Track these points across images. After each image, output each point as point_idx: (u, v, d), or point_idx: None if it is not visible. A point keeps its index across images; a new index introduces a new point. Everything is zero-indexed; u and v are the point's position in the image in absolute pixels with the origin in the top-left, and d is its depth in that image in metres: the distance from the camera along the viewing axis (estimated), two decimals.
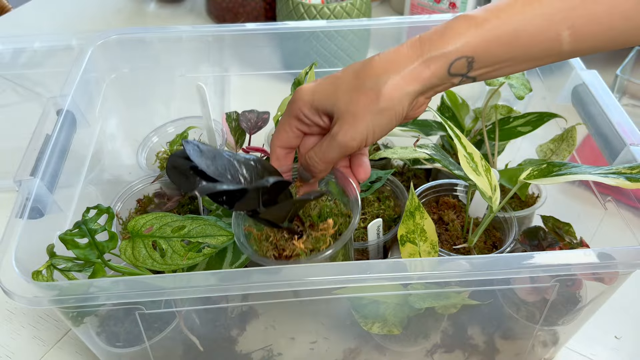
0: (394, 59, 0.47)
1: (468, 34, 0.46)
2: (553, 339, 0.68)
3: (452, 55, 0.46)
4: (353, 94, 0.48)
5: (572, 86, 0.73)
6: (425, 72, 0.47)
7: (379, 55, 0.49)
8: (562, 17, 0.45)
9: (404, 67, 0.47)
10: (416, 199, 0.60)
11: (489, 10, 0.47)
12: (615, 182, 0.52)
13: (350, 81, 0.48)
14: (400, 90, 0.47)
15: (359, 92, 0.47)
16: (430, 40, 0.47)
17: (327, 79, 0.51)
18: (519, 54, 0.47)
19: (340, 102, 0.48)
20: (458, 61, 0.47)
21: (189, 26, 0.85)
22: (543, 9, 0.45)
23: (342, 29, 0.99)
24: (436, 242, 0.59)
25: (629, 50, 1.03)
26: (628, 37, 0.46)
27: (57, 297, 0.50)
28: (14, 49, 0.89)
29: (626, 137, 0.63)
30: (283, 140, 0.53)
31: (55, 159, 0.63)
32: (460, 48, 0.46)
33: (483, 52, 0.47)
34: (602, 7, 0.45)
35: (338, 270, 0.52)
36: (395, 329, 0.61)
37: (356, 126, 0.48)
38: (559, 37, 0.46)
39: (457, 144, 0.57)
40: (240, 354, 0.66)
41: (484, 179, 0.58)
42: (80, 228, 0.55)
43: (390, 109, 0.47)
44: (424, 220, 0.59)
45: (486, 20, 0.46)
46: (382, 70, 0.47)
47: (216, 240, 0.55)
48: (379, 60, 0.48)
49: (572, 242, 0.65)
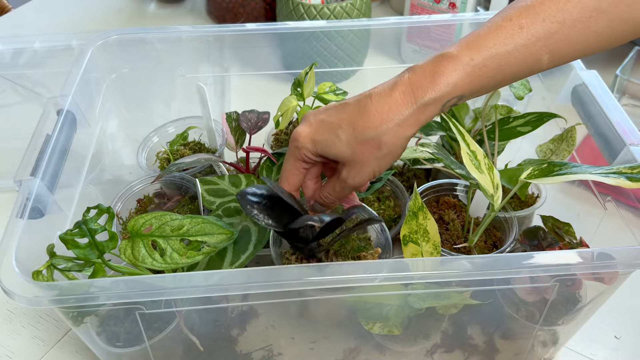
0: (389, 109, 0.50)
1: (456, 76, 0.49)
2: (553, 339, 0.68)
3: (445, 98, 0.50)
4: (356, 145, 0.51)
5: (572, 86, 0.73)
6: (422, 117, 0.50)
7: (372, 101, 0.51)
8: (541, 45, 0.48)
9: (400, 115, 0.50)
10: (419, 199, 0.60)
11: (472, 48, 0.49)
12: (615, 181, 0.52)
13: (349, 132, 0.51)
14: (399, 137, 0.51)
15: (362, 144, 0.51)
16: (421, 87, 0.50)
17: (326, 126, 0.53)
18: (503, 80, 0.50)
19: (344, 153, 0.52)
20: (449, 101, 0.50)
21: (189, 26, 0.85)
22: (523, 38, 0.48)
23: (342, 29, 0.99)
24: (439, 242, 0.60)
25: (628, 50, 1.03)
26: (600, 47, 0.50)
27: (57, 297, 0.50)
28: (14, 49, 0.89)
29: (626, 137, 0.63)
30: (295, 181, 0.57)
31: (56, 159, 0.63)
32: (451, 91, 0.49)
33: (471, 88, 0.50)
34: (577, 30, 0.48)
35: (338, 270, 0.52)
36: (395, 329, 0.61)
37: (363, 171, 0.52)
38: (540, 61, 0.49)
39: (461, 141, 0.57)
40: (240, 353, 0.66)
41: (486, 177, 0.58)
42: (81, 228, 0.55)
43: (391, 153, 0.51)
44: (427, 221, 0.59)
45: (471, 60, 0.49)
46: (380, 120, 0.50)
47: (215, 238, 0.55)
48: (374, 108, 0.51)
49: (572, 242, 0.65)
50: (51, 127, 0.66)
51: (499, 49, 0.48)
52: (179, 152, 0.85)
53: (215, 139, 0.86)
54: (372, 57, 1.09)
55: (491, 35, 0.49)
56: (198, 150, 0.86)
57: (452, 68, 0.49)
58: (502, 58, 0.49)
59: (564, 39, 0.48)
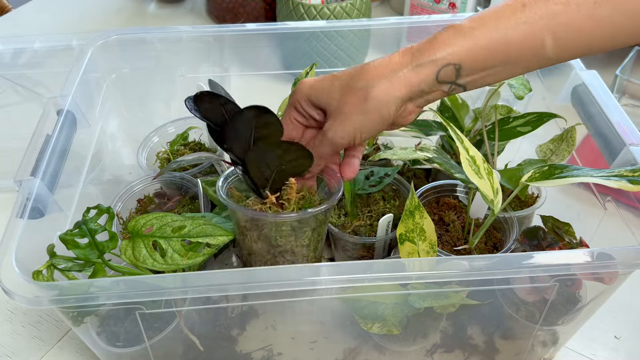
0: (386, 65, 0.51)
1: (455, 43, 0.49)
2: (553, 339, 0.68)
3: (440, 62, 0.49)
4: (345, 93, 0.51)
5: (572, 86, 0.73)
6: (414, 78, 0.50)
7: (375, 61, 0.52)
8: (544, 24, 0.48)
9: (394, 72, 0.50)
10: (416, 198, 0.60)
11: (476, 20, 0.49)
12: (617, 184, 0.52)
13: (345, 82, 0.52)
14: (388, 94, 0.50)
15: (350, 93, 0.51)
16: (419, 49, 0.50)
17: (327, 77, 0.54)
18: (505, 60, 0.49)
19: (333, 100, 0.52)
20: (446, 68, 0.49)
21: (189, 26, 0.85)
22: (526, 16, 0.48)
23: (342, 29, 0.99)
24: (435, 242, 0.60)
25: (628, 50, 1.03)
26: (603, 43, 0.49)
27: (57, 297, 0.50)
28: (14, 49, 0.89)
29: (626, 137, 0.63)
30: (287, 133, 0.56)
31: (56, 159, 0.63)
32: (447, 56, 0.49)
33: (470, 60, 0.49)
34: (582, 15, 0.47)
35: (338, 270, 0.52)
36: (394, 329, 0.61)
37: (345, 125, 0.52)
38: (543, 43, 0.48)
39: (460, 147, 0.57)
40: (240, 353, 0.66)
41: (486, 182, 0.58)
42: (81, 228, 0.55)
43: (376, 110, 0.50)
44: (423, 220, 0.59)
45: (472, 29, 0.49)
46: (374, 74, 0.50)
47: (216, 239, 0.55)
48: (373, 65, 0.51)
49: (572, 242, 0.65)
50: (51, 127, 0.66)
51: (501, 25, 0.48)
52: (179, 152, 0.85)
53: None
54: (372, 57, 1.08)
55: (494, 13, 0.49)
56: (198, 150, 0.86)
57: (451, 34, 0.49)
58: (503, 34, 0.48)
59: (568, 22, 0.47)
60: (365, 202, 0.77)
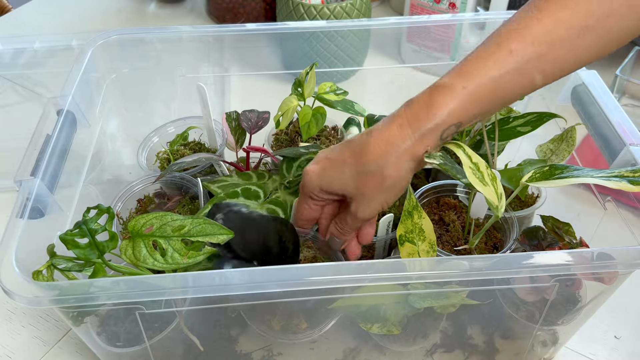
0: (388, 141, 0.52)
1: (451, 104, 0.50)
2: (553, 339, 0.68)
3: (441, 127, 0.51)
4: (360, 178, 0.54)
5: (572, 86, 0.73)
6: (420, 148, 0.52)
7: (372, 136, 0.53)
8: (532, 66, 0.50)
9: (399, 148, 0.52)
10: (414, 198, 0.60)
11: (464, 75, 0.50)
12: (617, 185, 0.52)
13: (353, 166, 0.54)
14: (400, 169, 0.52)
15: (365, 177, 0.53)
16: (417, 118, 0.51)
17: (333, 163, 0.56)
18: (499, 104, 0.51)
19: (350, 187, 0.55)
20: (447, 130, 0.51)
21: (189, 26, 0.85)
22: (514, 62, 0.49)
23: (342, 29, 0.99)
24: (434, 241, 0.60)
25: (628, 50, 1.03)
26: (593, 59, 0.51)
27: (57, 297, 0.50)
28: (14, 49, 0.89)
29: (626, 137, 0.63)
30: (307, 216, 0.61)
31: (56, 159, 0.63)
32: (447, 119, 0.51)
33: (467, 115, 0.51)
34: (566, 49, 0.49)
35: (338, 270, 0.52)
36: (394, 329, 0.61)
37: (370, 204, 0.55)
38: (533, 81, 0.51)
39: (462, 156, 0.57)
40: (241, 353, 0.66)
41: (490, 189, 0.58)
42: (81, 228, 0.55)
43: (394, 186, 0.54)
44: (422, 220, 0.60)
45: (464, 88, 0.50)
46: (381, 153, 0.52)
47: (216, 239, 0.55)
48: (374, 143, 0.53)
49: (572, 242, 0.65)
50: (51, 127, 0.66)
51: (491, 74, 0.49)
52: (179, 152, 0.85)
53: (215, 139, 0.86)
54: (372, 57, 1.09)
55: (481, 62, 0.50)
56: (198, 150, 0.86)
57: (446, 97, 0.50)
58: (495, 82, 0.50)
59: (554, 60, 0.50)
60: None
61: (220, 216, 0.57)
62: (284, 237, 0.60)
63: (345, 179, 0.54)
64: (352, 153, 0.54)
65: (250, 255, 0.57)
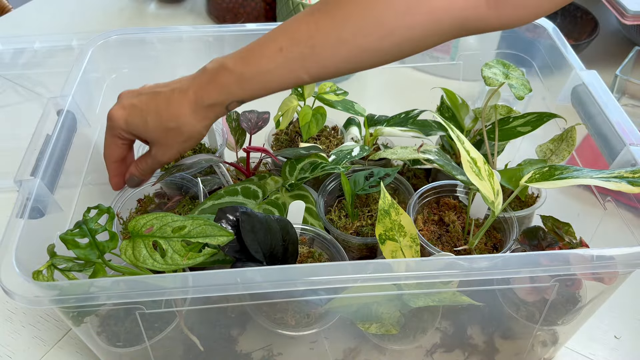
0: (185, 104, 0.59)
1: (231, 86, 0.58)
2: (552, 339, 0.68)
3: (224, 102, 0.59)
4: (161, 131, 0.61)
5: (572, 86, 0.73)
6: (210, 114, 0.60)
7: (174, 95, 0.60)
8: (298, 66, 0.56)
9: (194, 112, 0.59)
10: (388, 197, 0.61)
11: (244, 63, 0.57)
12: (617, 186, 0.52)
13: (156, 120, 0.61)
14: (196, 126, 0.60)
15: (166, 131, 0.61)
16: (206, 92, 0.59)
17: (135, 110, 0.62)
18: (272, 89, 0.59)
19: (152, 135, 0.62)
20: (230, 104, 0.59)
21: (189, 26, 0.85)
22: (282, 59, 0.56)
23: None
24: (416, 235, 0.60)
25: (628, 50, 1.03)
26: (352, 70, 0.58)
27: (57, 297, 0.50)
28: (14, 49, 0.89)
29: (626, 137, 0.63)
30: (115, 155, 0.66)
31: (56, 159, 0.63)
32: (228, 97, 0.59)
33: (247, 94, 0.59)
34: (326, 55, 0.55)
35: (338, 270, 0.52)
36: (392, 329, 0.61)
37: (170, 151, 0.63)
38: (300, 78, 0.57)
39: (461, 149, 0.57)
40: (241, 353, 0.66)
41: (486, 184, 0.58)
42: (81, 228, 0.55)
43: (191, 139, 0.62)
44: (399, 216, 0.60)
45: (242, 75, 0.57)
46: (179, 114, 0.60)
47: (216, 240, 0.55)
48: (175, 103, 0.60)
49: (572, 242, 0.65)
50: (51, 127, 0.66)
51: (263, 67, 0.56)
52: None
53: (215, 139, 0.86)
54: None
55: (257, 54, 0.57)
56: (198, 151, 0.86)
57: (227, 79, 0.58)
58: (268, 74, 0.57)
59: (317, 63, 0.55)
60: (364, 202, 0.77)
61: (231, 218, 0.58)
62: (286, 237, 0.60)
63: (148, 128, 0.61)
64: (156, 107, 0.60)
65: (262, 256, 0.57)
